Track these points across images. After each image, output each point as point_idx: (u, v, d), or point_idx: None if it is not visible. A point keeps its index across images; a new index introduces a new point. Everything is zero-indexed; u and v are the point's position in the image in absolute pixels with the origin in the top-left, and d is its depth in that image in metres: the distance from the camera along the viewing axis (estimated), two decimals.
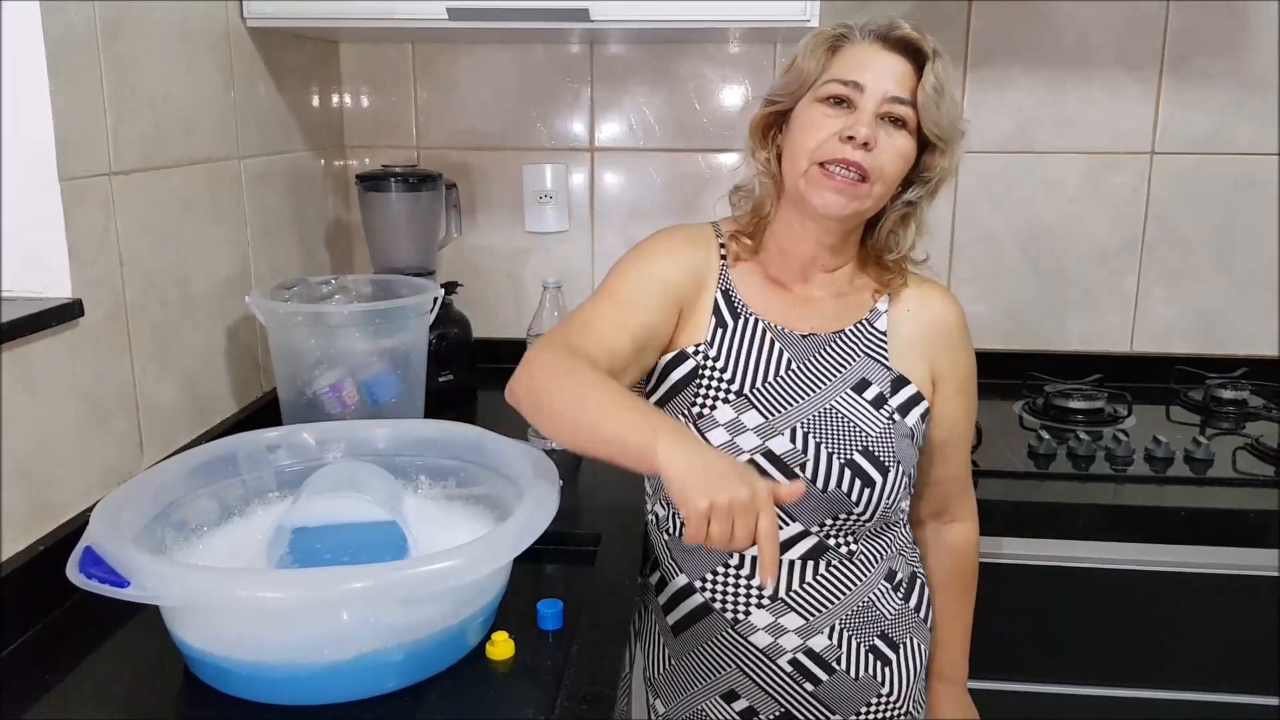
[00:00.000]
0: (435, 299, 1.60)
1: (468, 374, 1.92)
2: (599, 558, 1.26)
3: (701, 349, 1.22)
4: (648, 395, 1.24)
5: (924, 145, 1.17)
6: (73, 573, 0.92)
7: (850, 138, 1.12)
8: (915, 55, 1.15)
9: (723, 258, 1.26)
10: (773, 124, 1.23)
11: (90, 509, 1.03)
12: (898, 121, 1.15)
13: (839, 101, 1.15)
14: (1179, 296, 2.05)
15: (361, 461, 1.23)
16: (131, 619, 1.12)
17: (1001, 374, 1.92)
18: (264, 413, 1.62)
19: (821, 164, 1.14)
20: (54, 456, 1.17)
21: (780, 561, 1.17)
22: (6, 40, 1.14)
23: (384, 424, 1.33)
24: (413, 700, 0.98)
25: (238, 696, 0.98)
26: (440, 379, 1.86)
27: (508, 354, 1.32)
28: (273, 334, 1.54)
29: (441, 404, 1.75)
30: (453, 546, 0.98)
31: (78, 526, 1.08)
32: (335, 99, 2.04)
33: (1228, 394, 1.91)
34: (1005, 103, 1.99)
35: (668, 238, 1.26)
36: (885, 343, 1.23)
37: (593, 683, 0.98)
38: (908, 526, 1.29)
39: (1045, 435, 1.67)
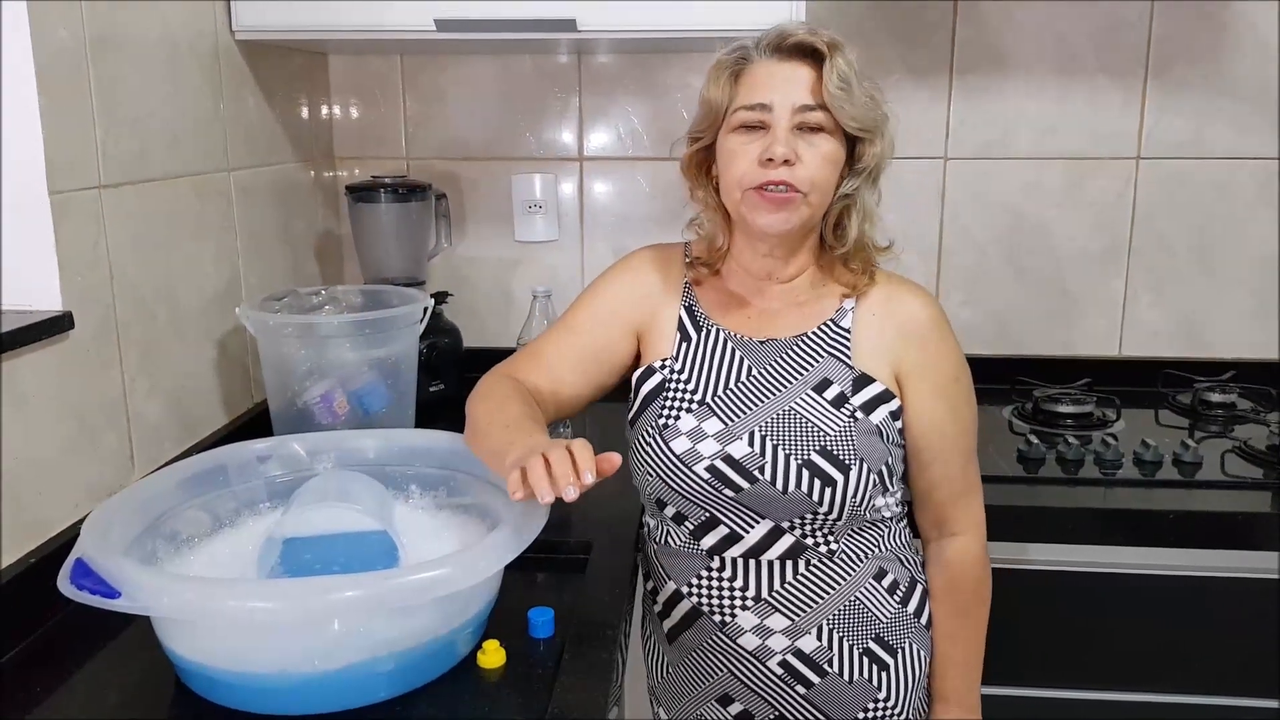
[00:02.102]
0: (425, 309, 1.60)
1: (458, 384, 1.92)
2: (590, 566, 1.26)
3: (668, 363, 1.25)
4: (628, 411, 1.27)
5: (853, 139, 1.18)
6: (64, 584, 0.92)
7: (770, 160, 1.14)
8: (815, 57, 1.16)
9: (687, 278, 1.30)
10: (704, 159, 1.25)
11: (81, 522, 1.03)
12: (816, 128, 1.16)
13: (752, 126, 1.17)
14: (1166, 300, 2.06)
15: (352, 471, 1.23)
16: (123, 630, 1.12)
17: (990, 379, 1.93)
18: (254, 424, 1.62)
19: (753, 188, 1.16)
20: (44, 470, 1.17)
21: (760, 562, 1.20)
22: None
23: (374, 434, 1.33)
24: (404, 709, 0.98)
25: (229, 707, 0.98)
26: (430, 389, 1.86)
27: (498, 363, 1.33)
28: (263, 345, 1.54)
29: (432, 414, 1.75)
30: (443, 555, 0.98)
31: (68, 539, 1.08)
32: (324, 111, 2.05)
33: (1216, 397, 1.92)
34: (990, 109, 2.00)
35: (628, 264, 1.34)
36: (849, 340, 1.23)
37: (584, 691, 0.99)
38: (904, 527, 1.28)
39: (1034, 440, 1.68)
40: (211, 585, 1.00)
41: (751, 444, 1.17)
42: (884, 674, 1.22)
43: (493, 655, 1.05)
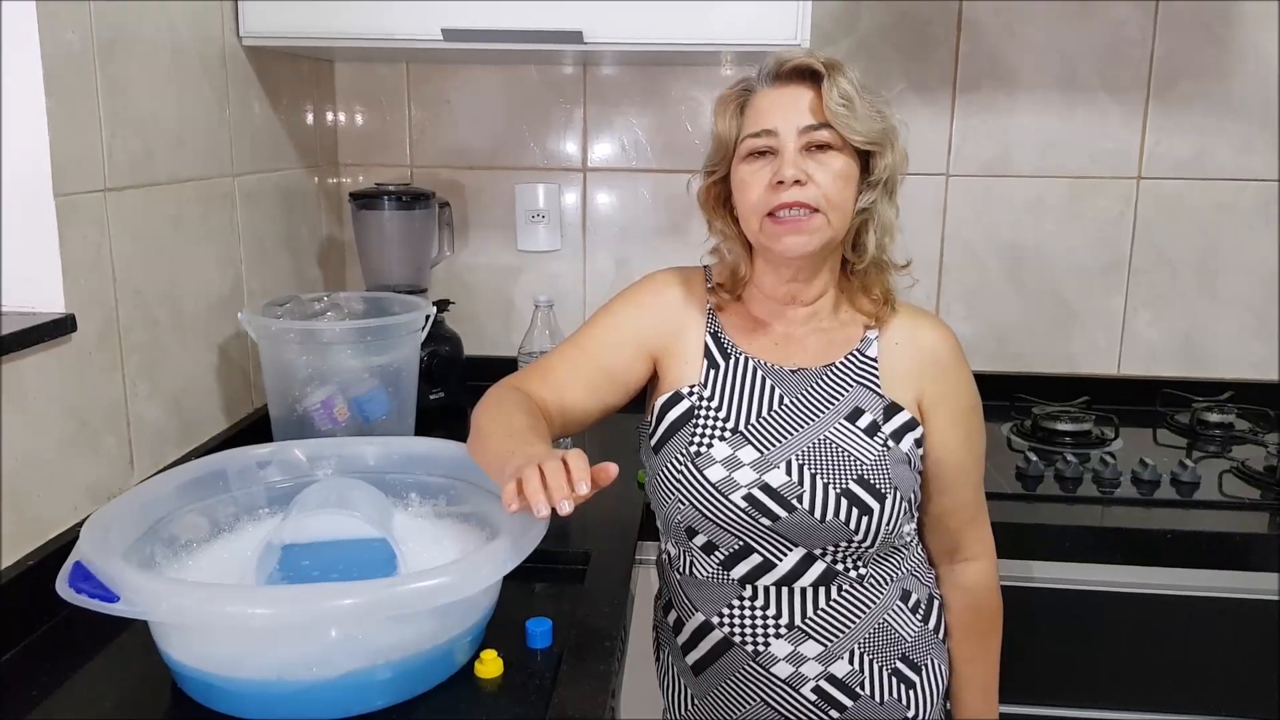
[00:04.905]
0: (427, 317, 1.60)
1: (458, 392, 1.92)
2: (588, 576, 1.26)
3: (696, 390, 1.24)
4: (650, 437, 1.26)
5: (865, 153, 1.19)
6: (62, 587, 0.92)
7: (780, 182, 1.15)
8: (815, 78, 1.17)
9: (710, 303, 1.29)
10: (721, 192, 1.26)
11: (79, 525, 1.03)
12: (824, 147, 1.17)
13: (762, 152, 1.18)
14: (1165, 319, 2.07)
15: (352, 478, 1.23)
16: (120, 635, 1.12)
17: (989, 396, 1.90)
18: (254, 429, 1.62)
19: (770, 214, 1.17)
20: (44, 472, 1.17)
21: (793, 590, 1.19)
22: (4, 59, 1.15)
23: (374, 441, 1.33)
24: (400, 718, 0.98)
25: (225, 713, 0.97)
26: (431, 397, 1.86)
27: (499, 373, 1.33)
28: (264, 350, 1.54)
29: (432, 422, 1.76)
30: (442, 564, 0.98)
31: (66, 542, 1.08)
32: (329, 117, 2.05)
33: (1214, 417, 1.92)
34: (993, 126, 2.01)
35: (649, 286, 1.32)
36: (877, 369, 1.23)
37: (581, 702, 0.99)
38: (919, 547, 1.28)
39: (1033, 457, 1.68)
40: (210, 590, 1.00)
41: (789, 473, 1.17)
42: (911, 691, 1.22)
43: (490, 665, 1.05)
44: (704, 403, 1.23)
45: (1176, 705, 1.53)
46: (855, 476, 1.17)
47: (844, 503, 1.15)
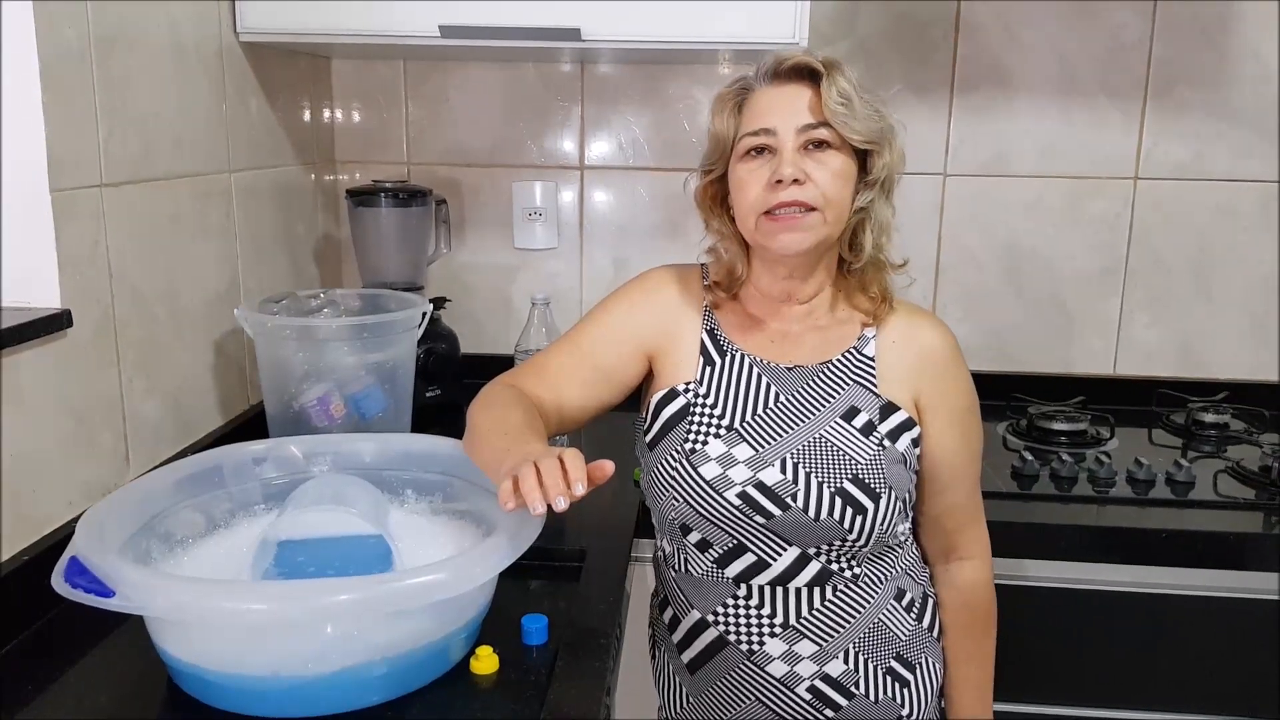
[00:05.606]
0: (423, 314, 1.60)
1: (455, 389, 1.92)
2: (584, 573, 1.26)
3: (691, 386, 1.24)
4: (645, 433, 1.26)
5: (863, 153, 1.19)
6: (58, 582, 0.92)
7: (779, 181, 1.15)
8: (813, 77, 1.17)
9: (707, 301, 1.29)
10: (717, 191, 1.26)
11: (75, 521, 1.03)
12: (822, 145, 1.17)
13: (760, 151, 1.18)
14: (1161, 320, 2.07)
15: (348, 475, 1.23)
16: (115, 630, 1.12)
17: (985, 396, 1.91)
18: (251, 426, 1.62)
19: (766, 213, 1.17)
20: (39, 467, 1.17)
21: (788, 589, 1.19)
22: (2, 55, 1.14)
23: (371, 438, 1.33)
24: (396, 714, 0.98)
25: (221, 708, 0.97)
26: (427, 394, 1.86)
27: (495, 370, 1.33)
28: (260, 347, 1.54)
29: (428, 419, 1.76)
30: (438, 561, 0.98)
31: (62, 538, 1.08)
32: (326, 114, 2.05)
33: (1209, 417, 1.93)
34: (991, 127, 2.01)
35: (645, 284, 1.32)
36: (874, 368, 1.23)
37: (576, 698, 0.99)
38: (914, 546, 1.28)
39: (1029, 456, 1.69)
40: (206, 586, 1.00)
41: (784, 471, 1.17)
42: (905, 690, 1.23)
43: (486, 661, 1.05)
44: (699, 400, 1.23)
45: (1171, 704, 1.53)
46: (850, 476, 1.17)
47: (838, 502, 1.15)
